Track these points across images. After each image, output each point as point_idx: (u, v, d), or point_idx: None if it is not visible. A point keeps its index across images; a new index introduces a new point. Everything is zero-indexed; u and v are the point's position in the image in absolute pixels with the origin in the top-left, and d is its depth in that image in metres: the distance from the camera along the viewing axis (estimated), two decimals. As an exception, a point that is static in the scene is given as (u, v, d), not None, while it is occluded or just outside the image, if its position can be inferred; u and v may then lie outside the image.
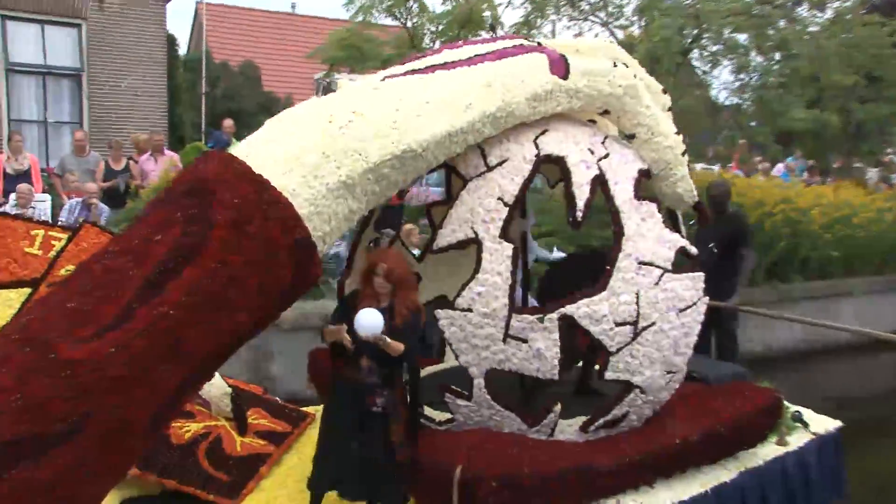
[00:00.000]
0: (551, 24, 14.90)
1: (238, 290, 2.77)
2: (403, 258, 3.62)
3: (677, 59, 12.07)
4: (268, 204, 2.88)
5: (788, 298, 9.49)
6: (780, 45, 14.01)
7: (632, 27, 14.78)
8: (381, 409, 3.35)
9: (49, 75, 12.79)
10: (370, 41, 14.25)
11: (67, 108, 12.98)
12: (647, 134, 3.85)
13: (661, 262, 3.61)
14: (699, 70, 15.16)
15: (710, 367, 4.77)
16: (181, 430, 4.02)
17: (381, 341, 3.25)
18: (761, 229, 8.97)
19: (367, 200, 3.21)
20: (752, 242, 5.82)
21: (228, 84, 17.99)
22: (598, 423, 3.71)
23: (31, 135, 12.29)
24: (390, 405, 3.37)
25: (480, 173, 3.61)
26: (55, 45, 12.93)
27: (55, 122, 12.86)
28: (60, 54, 12.90)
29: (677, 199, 3.95)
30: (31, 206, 8.17)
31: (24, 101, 12.72)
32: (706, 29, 12.96)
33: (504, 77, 3.53)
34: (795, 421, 4.47)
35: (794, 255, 9.71)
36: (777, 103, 13.74)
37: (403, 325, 3.39)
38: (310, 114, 3.23)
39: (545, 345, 3.44)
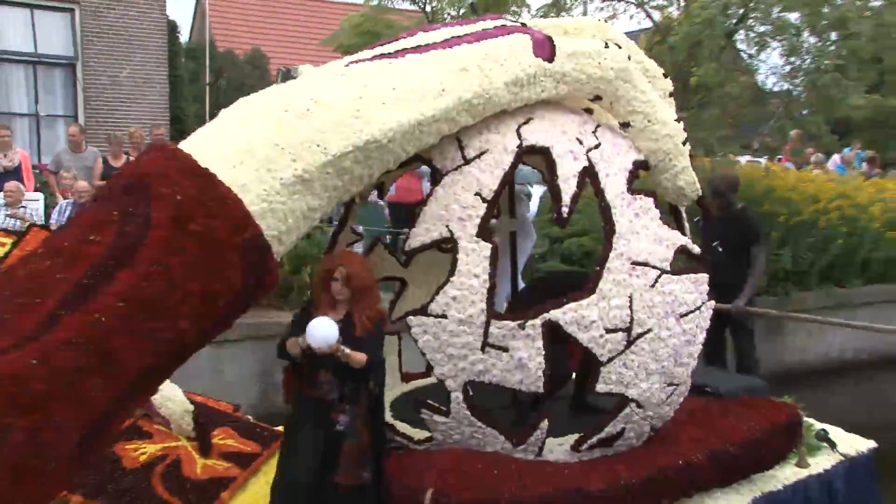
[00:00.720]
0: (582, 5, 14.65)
1: (179, 295, 2.64)
2: (365, 261, 3.47)
3: (720, 42, 11.68)
4: (213, 200, 2.74)
5: (846, 304, 9.05)
6: (837, 24, 13.29)
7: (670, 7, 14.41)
8: (346, 426, 3.20)
9: (40, 64, 12.56)
10: (389, 27, 14.02)
11: (61, 99, 12.76)
12: (642, 122, 3.67)
13: (658, 263, 3.43)
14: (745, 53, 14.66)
15: (723, 380, 4.58)
16: (136, 452, 3.90)
17: (338, 353, 3.10)
18: (815, 227, 8.64)
19: (329, 196, 3.07)
20: (764, 240, 5.56)
21: (234, 74, 17.78)
22: (591, 441, 3.54)
23: (22, 129, 12.12)
24: (352, 423, 3.22)
25: (457, 167, 3.46)
26: (46, 31, 12.69)
27: (48, 116, 12.65)
28: (52, 41, 12.65)
29: (679, 194, 3.77)
30: (22, 206, 8.10)
31: (13, 92, 12.53)
32: (753, 8, 12.51)
33: (482, 60, 3.38)
34: (821, 440, 4.25)
35: (851, 257, 9.29)
36: (833, 89, 13.04)
37: (367, 335, 3.24)
38: (266, 103, 3.10)
39: (528, 354, 3.27)
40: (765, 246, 5.52)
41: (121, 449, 3.88)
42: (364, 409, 3.28)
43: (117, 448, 3.88)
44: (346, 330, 3.23)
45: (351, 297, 3.27)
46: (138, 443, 3.97)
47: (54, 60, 12.67)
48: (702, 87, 11.71)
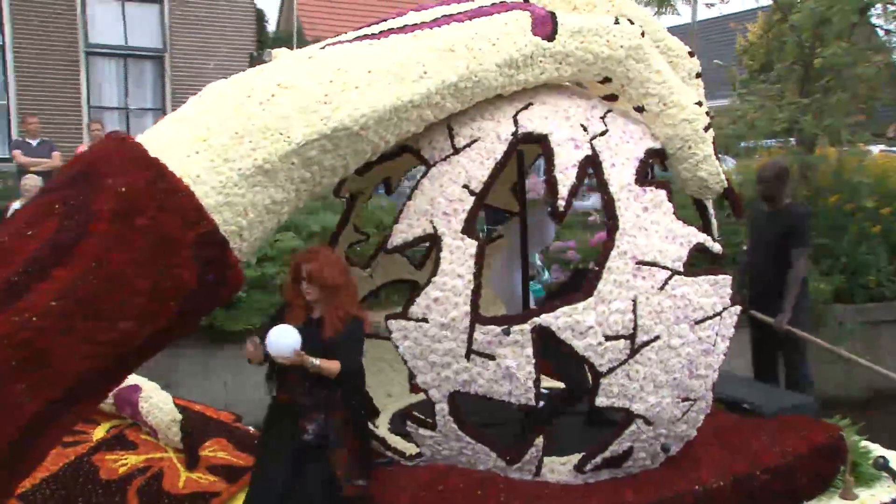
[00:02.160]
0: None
1: (122, 294, 2.73)
2: (336, 259, 3.52)
3: (852, 18, 11.26)
4: (163, 192, 2.83)
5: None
6: None
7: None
8: (314, 436, 3.25)
9: (130, 57, 13.38)
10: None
11: (150, 92, 13.59)
12: (658, 105, 3.62)
13: (669, 263, 3.37)
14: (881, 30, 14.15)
15: (764, 396, 4.44)
16: (116, 463, 4.03)
17: (305, 363, 3.16)
18: None
19: (297, 189, 3.13)
20: (808, 241, 5.31)
21: (322, 63, 18.42)
22: (595, 461, 3.49)
23: (112, 122, 12.89)
24: (328, 432, 3.27)
25: (446, 156, 3.48)
26: (136, 24, 13.55)
27: (137, 109, 13.48)
28: (142, 34, 13.50)
29: (701, 185, 3.69)
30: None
31: (104, 85, 13.39)
32: (894, -23, 12.02)
33: (471, 40, 3.40)
34: (879, 469, 4.07)
35: None
36: None
37: (337, 337, 3.29)
38: (231, 88, 3.18)
39: (516, 362, 3.25)
40: (805, 249, 5.25)
41: (100, 459, 4.03)
42: (342, 416, 3.32)
43: (96, 458, 4.03)
44: (316, 332, 3.29)
45: (321, 296, 3.32)
46: (120, 453, 4.12)
47: (144, 53, 13.50)
48: (828, 70, 11.31)
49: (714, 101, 18.36)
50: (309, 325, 3.32)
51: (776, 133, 11.54)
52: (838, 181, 11.13)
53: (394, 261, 4.84)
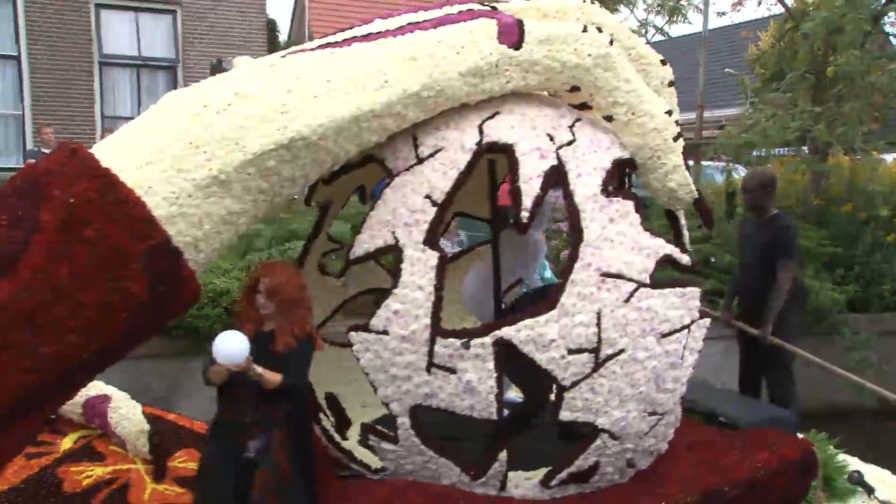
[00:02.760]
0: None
1: (67, 307, 2.69)
2: (294, 273, 3.47)
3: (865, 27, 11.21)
4: (112, 204, 2.79)
5: None
6: None
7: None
8: (255, 453, 3.20)
9: (144, 67, 13.62)
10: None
11: None
12: (626, 114, 3.56)
13: (636, 275, 3.32)
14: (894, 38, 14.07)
15: (741, 409, 4.38)
16: (81, 475, 3.99)
17: (249, 371, 3.11)
18: None
19: (254, 200, 3.09)
20: (793, 253, 5.24)
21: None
22: (561, 476, 3.43)
23: None
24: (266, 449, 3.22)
25: (410, 166, 3.43)
26: (149, 34, 13.83)
27: None
28: (155, 44, 13.79)
29: (671, 196, 3.63)
30: None
31: (118, 95, 13.64)
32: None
33: (434, 48, 3.35)
34: (854, 484, 4.01)
35: None
36: None
37: (287, 352, 3.25)
38: (189, 98, 3.14)
39: (477, 376, 3.21)
40: (790, 261, 5.17)
41: (65, 471, 3.99)
42: (283, 435, 3.27)
43: (61, 470, 3.99)
44: (266, 345, 3.24)
45: (276, 311, 3.28)
46: (87, 465, 4.07)
47: (157, 63, 13.73)
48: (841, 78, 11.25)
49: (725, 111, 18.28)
50: (259, 338, 3.28)
51: (789, 142, 11.52)
52: (852, 190, 11.06)
53: (368, 269, 4.79)
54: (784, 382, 5.12)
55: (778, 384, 5.12)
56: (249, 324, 3.30)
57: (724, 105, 20.25)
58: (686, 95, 22.76)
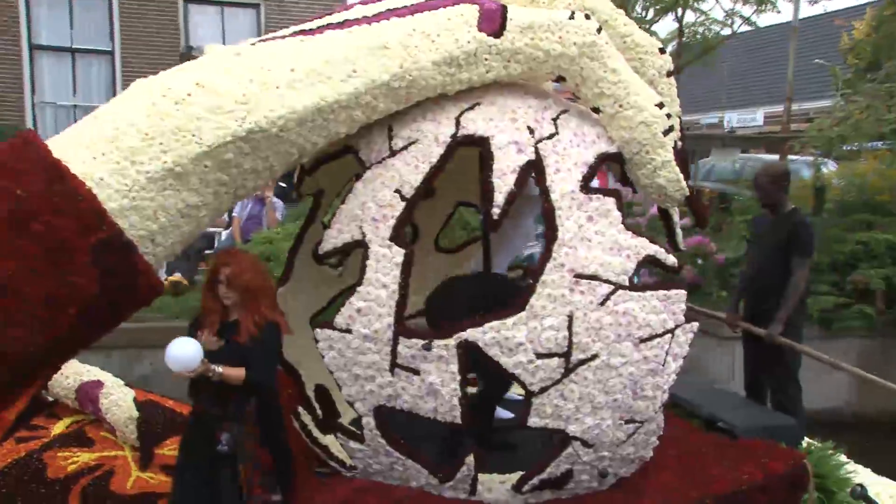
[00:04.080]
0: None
1: (14, 301, 2.67)
2: (254, 262, 3.40)
3: None
4: (61, 196, 2.75)
5: None
6: None
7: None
8: (227, 447, 3.15)
9: None
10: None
11: None
12: (613, 107, 3.38)
13: (613, 276, 3.15)
14: None
15: (743, 416, 4.18)
16: (66, 461, 4.01)
17: (209, 373, 3.06)
18: None
19: (214, 192, 3.02)
20: (808, 251, 4.94)
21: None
22: (533, 482, 3.30)
23: None
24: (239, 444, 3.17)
25: (382, 159, 3.32)
26: (235, 27, 14.30)
27: None
28: (240, 37, 14.08)
29: (660, 193, 3.45)
30: None
31: None
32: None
33: (407, 37, 3.23)
34: (857, 498, 3.78)
35: None
36: None
37: (251, 343, 3.18)
38: (150, 87, 3.07)
39: (440, 378, 3.10)
40: (805, 259, 4.88)
41: (51, 457, 4.01)
42: (252, 428, 3.22)
43: (47, 455, 4.01)
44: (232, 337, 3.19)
45: (239, 301, 3.22)
46: (74, 450, 4.09)
47: None
48: None
49: (815, 103, 17.65)
50: (225, 329, 3.22)
51: (883, 135, 11.08)
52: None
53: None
54: (789, 388, 4.86)
55: (782, 390, 4.86)
56: (214, 315, 3.25)
57: (814, 97, 19.63)
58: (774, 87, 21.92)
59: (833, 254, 8.51)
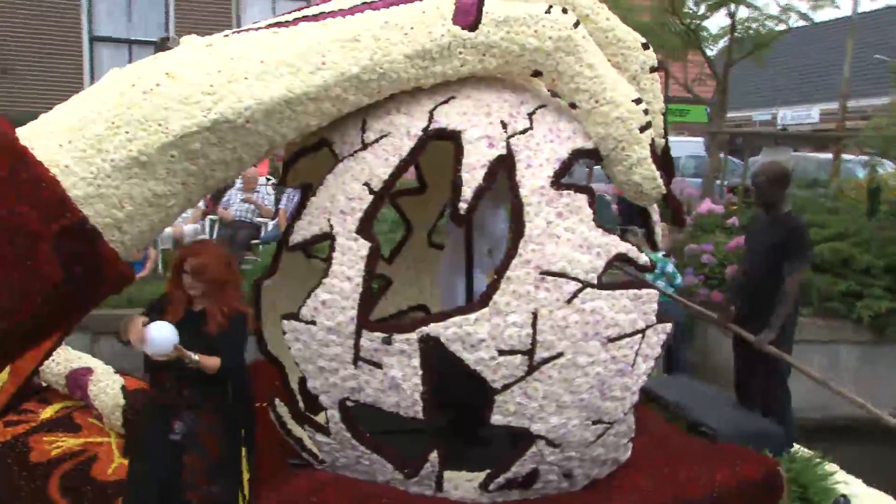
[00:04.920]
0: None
1: None
2: (221, 253, 3.39)
3: None
4: (24, 183, 2.78)
5: None
6: None
7: None
8: (181, 435, 3.16)
9: None
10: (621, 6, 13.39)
11: None
12: (589, 102, 3.32)
13: (581, 274, 3.10)
14: None
15: (727, 420, 4.09)
16: (50, 445, 4.05)
17: (184, 358, 3.06)
18: None
19: (184, 182, 3.03)
20: (804, 255, 4.76)
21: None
22: (499, 480, 3.26)
23: None
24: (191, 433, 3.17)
25: (354, 152, 3.30)
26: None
27: None
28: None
29: (636, 190, 3.38)
30: (256, 191, 9.01)
31: None
32: None
33: (379, 29, 3.20)
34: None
35: None
36: None
37: (220, 333, 3.18)
38: (121, 76, 3.09)
39: (402, 372, 3.07)
40: (801, 265, 4.70)
41: (37, 441, 4.06)
42: (212, 418, 3.22)
43: (33, 439, 4.06)
44: (197, 327, 3.19)
45: (204, 291, 3.22)
46: (60, 435, 4.13)
47: None
48: None
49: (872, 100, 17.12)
50: (189, 319, 3.23)
51: None
52: None
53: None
54: (778, 393, 4.72)
55: (772, 395, 4.71)
56: (178, 304, 3.26)
57: (871, 94, 19.13)
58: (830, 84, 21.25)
59: (887, 257, 8.28)
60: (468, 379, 3.11)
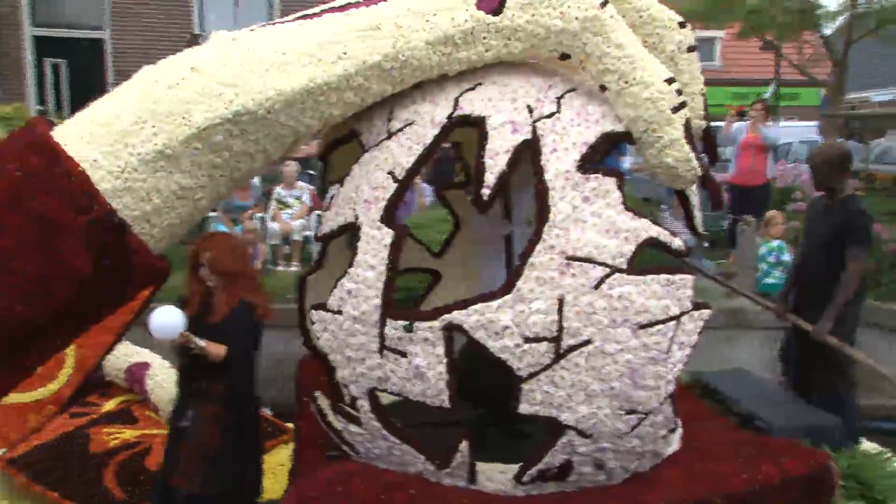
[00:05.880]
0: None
1: (4, 278, 2.80)
2: (234, 245, 3.43)
3: None
4: (55, 177, 2.87)
5: None
6: None
7: None
8: (188, 423, 3.22)
9: None
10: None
11: None
12: (618, 83, 3.21)
13: (609, 259, 3.00)
14: None
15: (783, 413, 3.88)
16: (109, 436, 4.20)
17: (190, 344, 3.11)
18: None
19: (210, 175, 3.08)
20: (865, 241, 4.45)
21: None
22: (532, 472, 3.19)
23: None
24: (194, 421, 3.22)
25: (380, 141, 3.29)
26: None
27: None
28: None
29: (669, 173, 3.24)
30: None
31: None
32: None
33: (401, 17, 3.18)
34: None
35: None
36: None
37: (224, 323, 3.22)
38: (150, 72, 3.17)
39: (426, 361, 3.03)
40: (862, 251, 4.39)
41: (97, 432, 4.22)
42: (216, 409, 3.26)
43: (93, 431, 4.23)
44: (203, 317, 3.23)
45: (219, 283, 3.27)
46: (119, 427, 4.29)
47: None
48: None
49: None
50: (205, 310, 3.28)
51: None
52: None
53: (408, 248, 4.67)
54: (836, 385, 4.43)
55: (829, 386, 4.42)
56: (196, 297, 3.31)
57: None
58: None
59: None
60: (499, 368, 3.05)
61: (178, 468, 3.21)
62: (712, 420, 3.91)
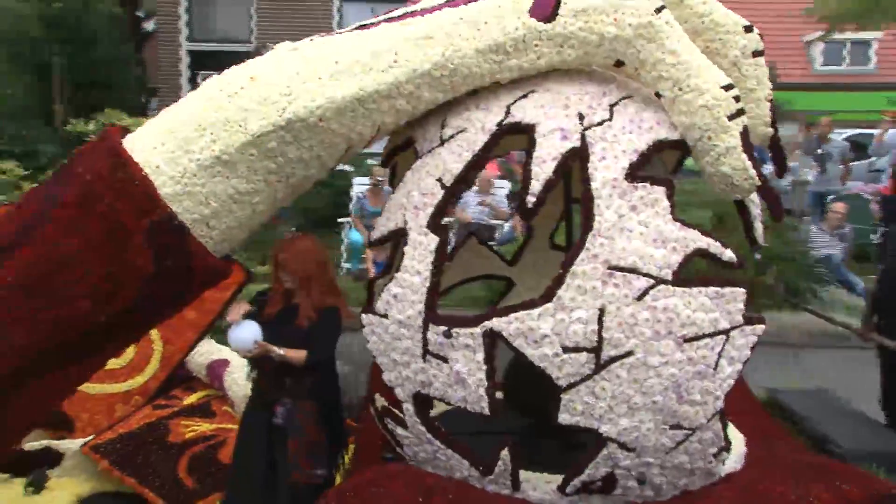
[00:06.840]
0: None
1: (74, 275, 2.98)
2: (309, 248, 3.50)
3: None
4: (121, 181, 3.05)
5: None
6: None
7: None
8: (283, 420, 3.31)
9: None
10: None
11: None
12: (672, 90, 3.13)
13: (654, 269, 2.93)
14: None
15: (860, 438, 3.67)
16: (187, 428, 4.40)
17: (270, 353, 3.22)
18: None
19: (266, 181, 3.20)
20: None
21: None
22: (575, 483, 3.14)
23: None
24: (291, 418, 3.31)
25: (432, 148, 3.33)
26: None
27: None
28: None
29: (725, 182, 3.12)
30: (491, 193, 9.68)
31: None
32: None
33: (452, 26, 3.21)
34: None
35: None
36: None
37: (310, 326, 3.30)
38: (214, 82, 3.31)
39: (467, 367, 3.04)
40: None
41: (176, 424, 4.43)
42: (308, 405, 3.35)
43: (173, 422, 4.44)
44: (291, 321, 3.33)
45: (296, 285, 3.36)
46: (198, 420, 4.48)
47: None
48: None
49: None
50: (286, 312, 3.38)
51: None
52: None
53: (480, 254, 4.69)
54: None
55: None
56: (277, 297, 3.42)
57: None
58: None
59: None
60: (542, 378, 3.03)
61: (293, 464, 3.34)
62: (782, 439, 3.74)
